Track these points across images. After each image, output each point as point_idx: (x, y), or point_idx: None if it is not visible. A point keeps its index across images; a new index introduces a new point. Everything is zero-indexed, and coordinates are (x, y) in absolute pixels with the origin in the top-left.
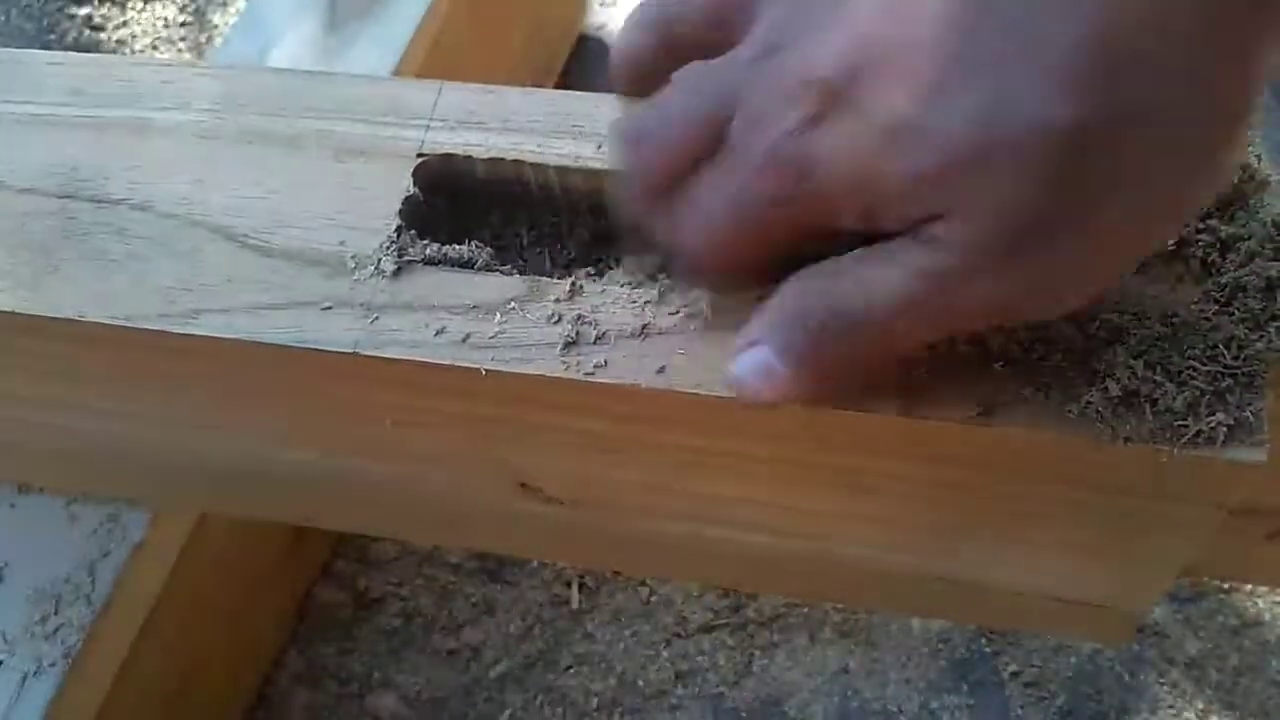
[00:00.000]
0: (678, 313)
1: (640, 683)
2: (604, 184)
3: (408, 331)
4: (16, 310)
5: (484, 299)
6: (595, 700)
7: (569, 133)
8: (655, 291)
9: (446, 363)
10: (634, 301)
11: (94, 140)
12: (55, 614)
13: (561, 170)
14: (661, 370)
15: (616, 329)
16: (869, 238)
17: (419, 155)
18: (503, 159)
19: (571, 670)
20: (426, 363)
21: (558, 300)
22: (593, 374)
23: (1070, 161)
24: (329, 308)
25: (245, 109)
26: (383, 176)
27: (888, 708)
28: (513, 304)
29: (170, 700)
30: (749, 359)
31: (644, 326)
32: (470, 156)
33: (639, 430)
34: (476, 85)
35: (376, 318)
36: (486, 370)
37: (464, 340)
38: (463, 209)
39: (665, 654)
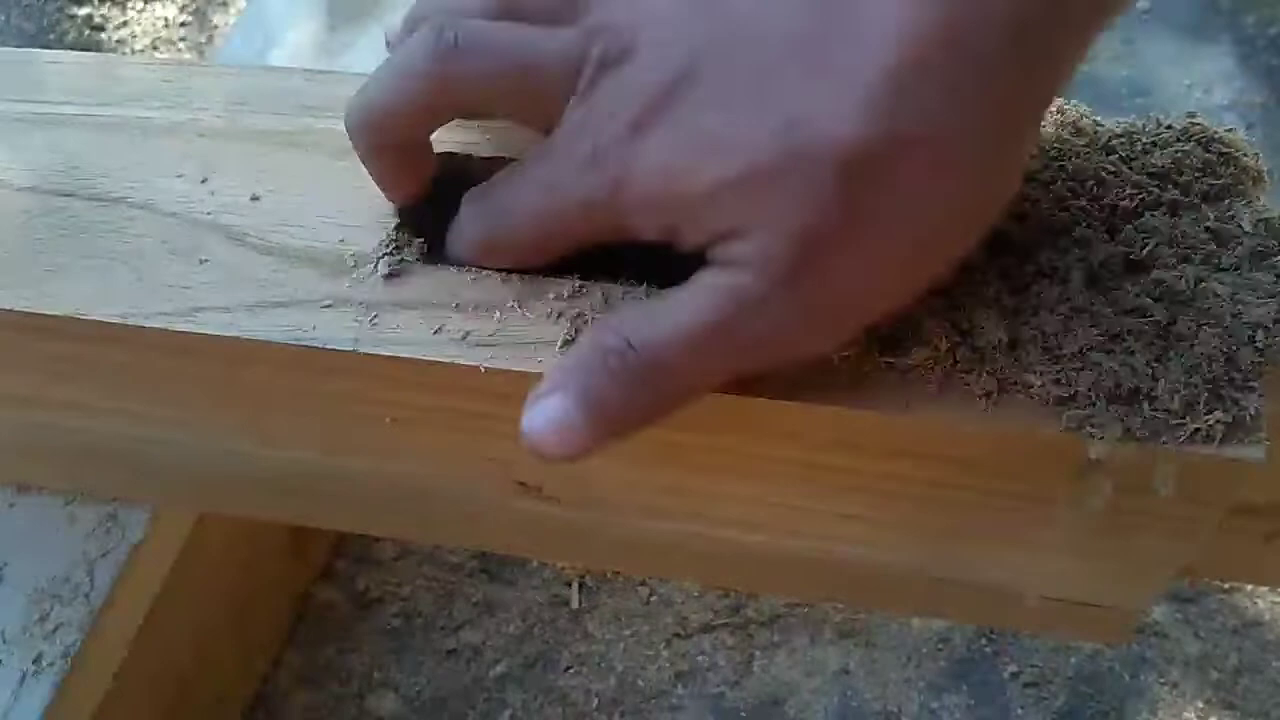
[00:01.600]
0: None
1: (640, 683)
2: None
3: (407, 330)
4: (16, 309)
5: (483, 298)
6: (596, 700)
7: None
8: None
9: (445, 360)
10: (636, 300)
11: (94, 139)
12: (54, 613)
13: None
14: None
15: None
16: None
17: None
18: (503, 157)
19: (571, 670)
20: (425, 360)
21: (557, 298)
22: None
23: (854, 179)
24: (329, 306)
25: (245, 108)
26: None
27: (888, 708)
28: (512, 302)
29: (169, 700)
30: (542, 411)
31: None
32: (470, 155)
33: None
34: None
35: (376, 316)
36: (485, 368)
37: (463, 338)
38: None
39: (665, 654)
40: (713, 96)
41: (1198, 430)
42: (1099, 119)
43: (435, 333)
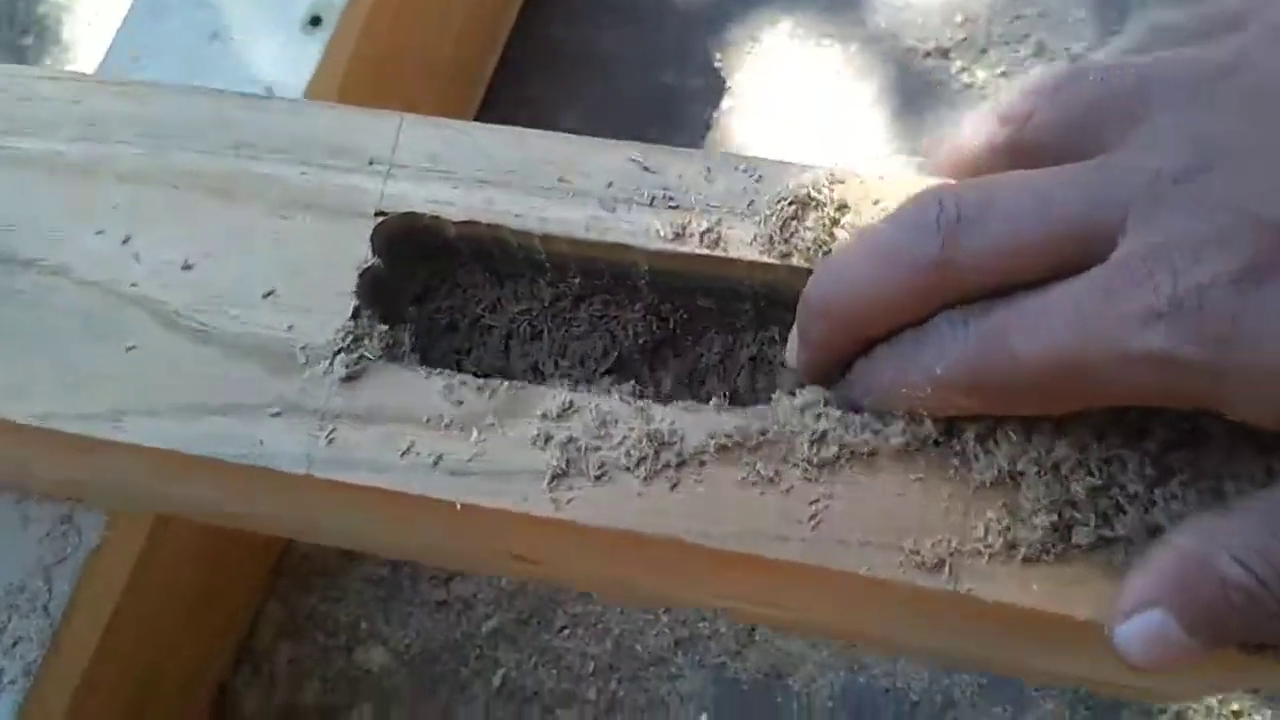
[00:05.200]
0: (708, 444)
1: (638, 648)
2: (596, 254)
3: (369, 448)
4: None
5: (456, 411)
6: (592, 664)
7: (554, 189)
8: (666, 411)
9: (415, 493)
10: (641, 420)
11: (2, 183)
12: (11, 625)
13: (548, 239)
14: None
15: (617, 460)
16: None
17: (378, 214)
18: (477, 223)
19: (566, 631)
20: (390, 491)
21: (545, 416)
22: (588, 520)
23: None
24: (277, 414)
25: (170, 142)
26: (334, 239)
27: (896, 685)
28: (491, 418)
29: (140, 687)
30: (1141, 625)
31: (654, 455)
32: (438, 217)
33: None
34: (439, 120)
35: (333, 430)
36: (461, 505)
37: (434, 464)
38: (432, 263)
39: (665, 620)
40: None
41: None
42: None
43: (402, 455)
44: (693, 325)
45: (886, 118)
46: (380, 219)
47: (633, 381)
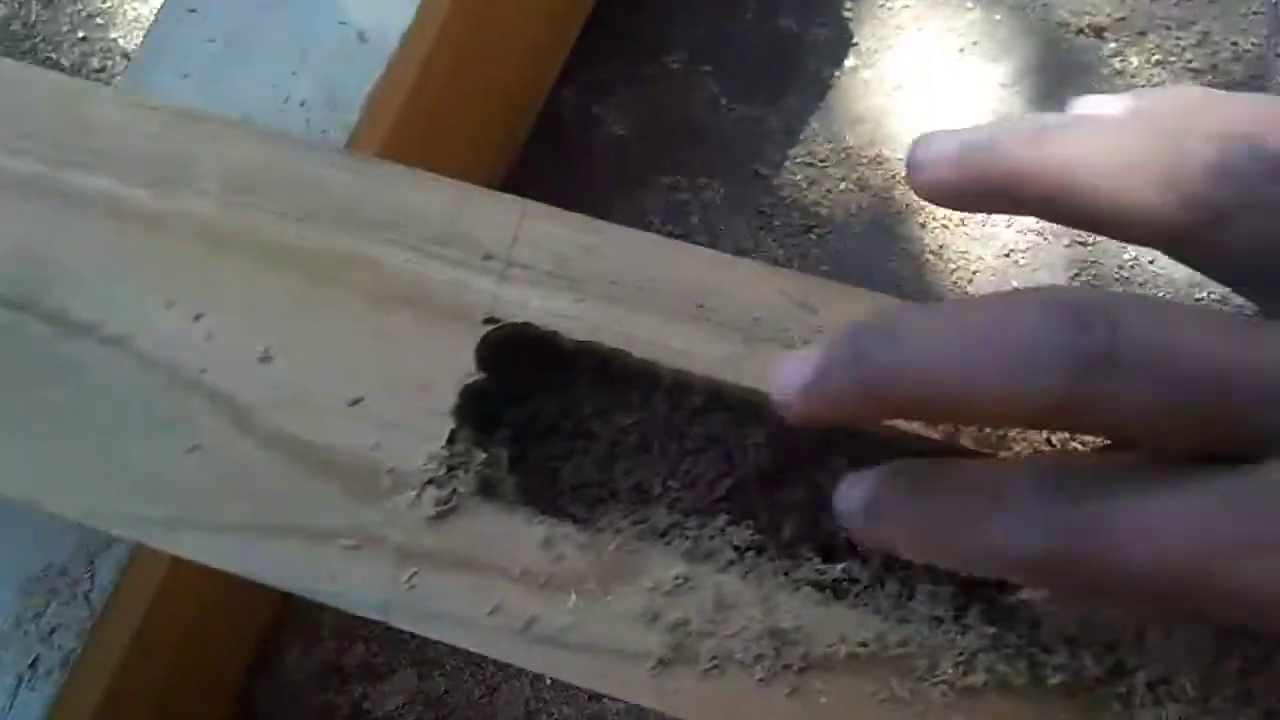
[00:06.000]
0: (839, 650)
1: None
2: (727, 390)
3: (454, 600)
4: None
5: (554, 568)
6: None
7: (693, 315)
8: (794, 603)
9: (501, 659)
10: (763, 611)
11: (55, 222)
12: (50, 611)
13: (680, 374)
14: None
15: (732, 652)
16: None
17: (487, 321)
18: (597, 344)
19: None
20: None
21: (655, 589)
22: (695, 718)
23: None
24: (354, 546)
25: (258, 201)
26: (436, 344)
27: None
28: (593, 583)
29: (178, 668)
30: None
31: (775, 654)
32: (557, 333)
33: None
34: (566, 215)
35: (415, 573)
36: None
37: (525, 628)
38: (539, 372)
39: None
40: None
41: None
42: None
43: (490, 613)
44: (818, 452)
45: (1022, 100)
46: (490, 326)
47: (750, 525)
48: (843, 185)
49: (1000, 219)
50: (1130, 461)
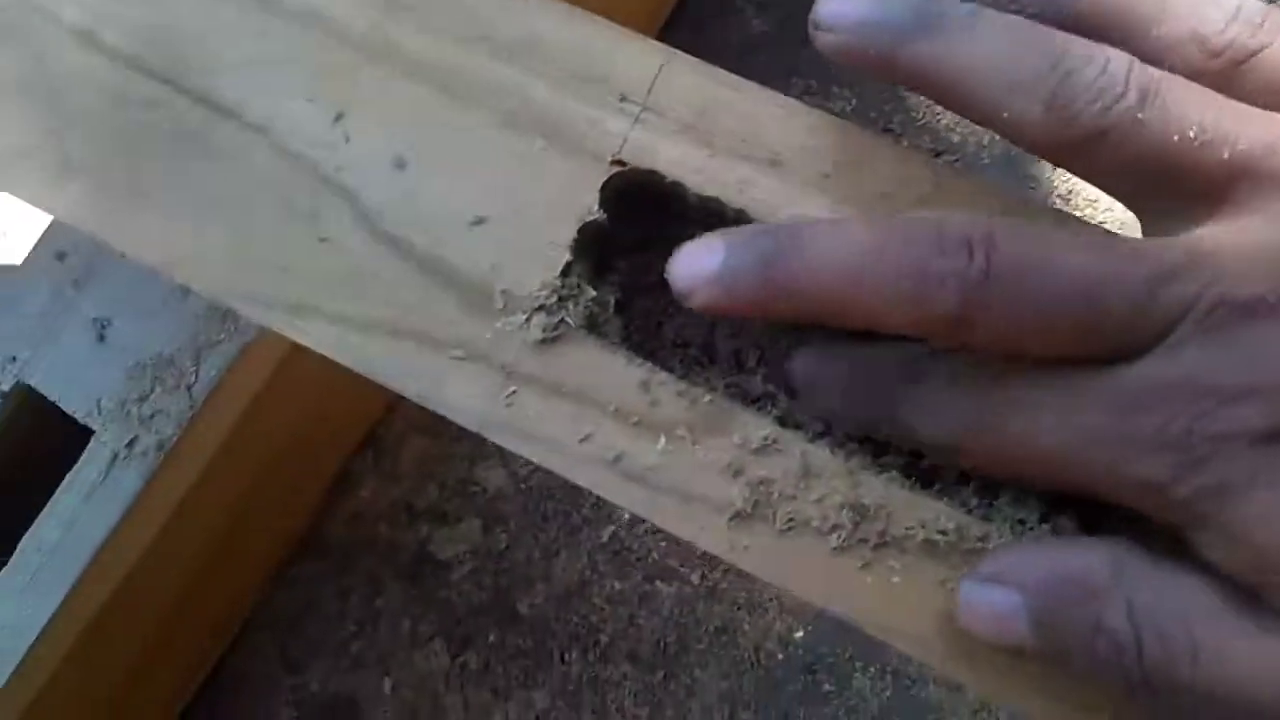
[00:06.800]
0: (917, 533)
1: None
2: None
3: (548, 423)
4: (100, 236)
5: (649, 410)
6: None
7: (823, 184)
8: (880, 484)
9: (584, 485)
10: (848, 484)
11: (204, 6)
12: (154, 397)
13: None
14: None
15: (809, 518)
16: None
17: (614, 161)
18: (723, 203)
19: None
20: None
21: (742, 445)
22: (763, 574)
23: None
24: (460, 358)
25: (407, 15)
26: (564, 178)
27: None
28: (684, 430)
29: (264, 478)
30: (987, 597)
31: (853, 527)
32: (681, 184)
33: None
34: (709, 69)
35: (514, 392)
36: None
37: (614, 461)
38: (657, 220)
39: None
40: None
41: None
42: None
43: (581, 441)
44: None
45: None
46: (616, 168)
47: None
48: None
49: None
50: (1020, 368)
